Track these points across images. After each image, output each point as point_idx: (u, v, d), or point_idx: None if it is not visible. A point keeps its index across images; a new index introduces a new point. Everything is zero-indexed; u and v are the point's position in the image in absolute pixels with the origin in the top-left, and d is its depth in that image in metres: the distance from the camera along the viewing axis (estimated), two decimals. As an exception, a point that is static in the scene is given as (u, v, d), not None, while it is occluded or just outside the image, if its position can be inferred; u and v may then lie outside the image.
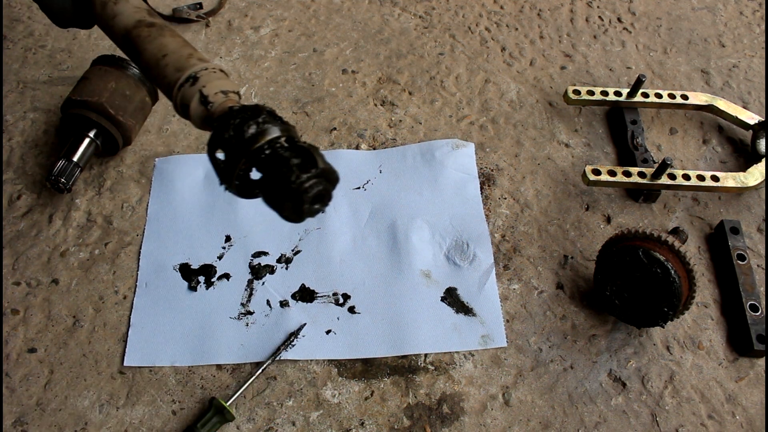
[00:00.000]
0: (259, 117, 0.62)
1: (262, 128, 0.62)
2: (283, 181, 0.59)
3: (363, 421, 0.90)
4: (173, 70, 0.69)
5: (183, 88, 0.68)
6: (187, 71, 0.68)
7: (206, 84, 0.68)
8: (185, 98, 0.68)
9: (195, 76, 0.68)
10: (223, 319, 0.97)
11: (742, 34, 1.37)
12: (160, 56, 0.70)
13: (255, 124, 0.62)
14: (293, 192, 0.59)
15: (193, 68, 0.68)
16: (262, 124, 0.62)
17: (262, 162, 0.61)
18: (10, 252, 1.02)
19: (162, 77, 0.70)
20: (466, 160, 1.14)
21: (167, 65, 0.69)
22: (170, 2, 1.34)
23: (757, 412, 0.92)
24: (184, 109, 0.69)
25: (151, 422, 0.89)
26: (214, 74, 0.69)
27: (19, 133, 1.14)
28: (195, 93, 0.67)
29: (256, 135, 0.61)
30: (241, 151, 0.62)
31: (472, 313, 0.98)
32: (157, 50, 0.71)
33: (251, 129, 0.62)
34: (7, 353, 0.94)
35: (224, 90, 0.68)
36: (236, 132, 0.62)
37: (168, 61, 0.70)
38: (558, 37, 1.34)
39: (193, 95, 0.67)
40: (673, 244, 0.90)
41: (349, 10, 1.36)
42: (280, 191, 0.60)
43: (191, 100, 0.67)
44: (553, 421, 0.91)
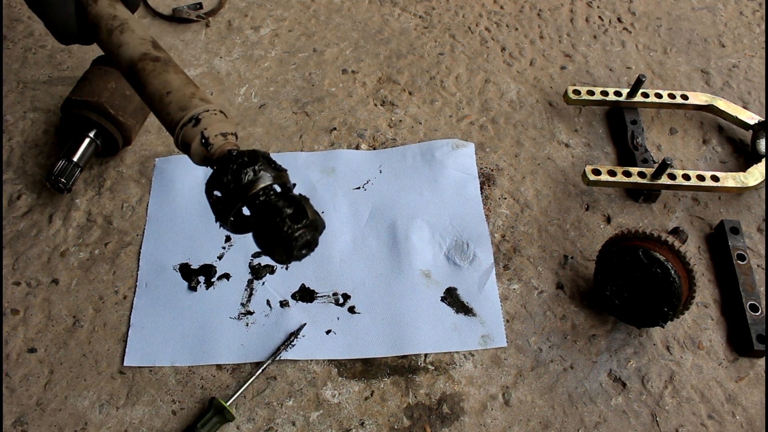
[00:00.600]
0: (255, 164, 0.67)
1: (257, 175, 0.67)
2: (276, 229, 0.65)
3: (363, 421, 0.90)
4: (176, 108, 0.72)
5: (185, 128, 0.71)
6: (190, 112, 0.72)
7: (207, 126, 0.71)
8: (186, 137, 0.71)
9: (198, 118, 0.71)
10: (223, 319, 0.97)
11: (742, 34, 1.37)
12: (164, 93, 0.73)
13: (252, 170, 0.67)
14: (285, 240, 0.66)
15: (196, 109, 0.72)
16: (258, 171, 0.67)
17: (257, 207, 0.67)
18: (10, 252, 1.02)
19: (165, 113, 0.73)
20: (466, 160, 1.14)
21: (171, 103, 0.73)
22: (170, 2, 1.34)
23: (757, 412, 0.92)
24: (185, 147, 0.72)
25: (151, 422, 0.89)
26: (215, 116, 0.72)
27: (19, 133, 1.14)
28: (197, 134, 0.71)
29: (253, 182, 0.66)
30: (238, 196, 0.66)
31: (472, 313, 0.98)
32: (161, 86, 0.74)
33: (248, 175, 0.67)
34: (7, 353, 0.94)
35: (224, 132, 0.72)
36: (234, 177, 0.67)
37: (172, 98, 0.73)
38: (558, 37, 1.34)
39: (194, 136, 0.71)
40: (673, 244, 0.90)
41: (349, 10, 1.36)
42: (272, 238, 0.66)
43: (193, 140, 0.71)
44: (553, 421, 0.91)
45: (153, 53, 0.77)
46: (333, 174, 1.11)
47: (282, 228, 0.65)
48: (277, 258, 0.68)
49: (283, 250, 0.66)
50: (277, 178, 0.68)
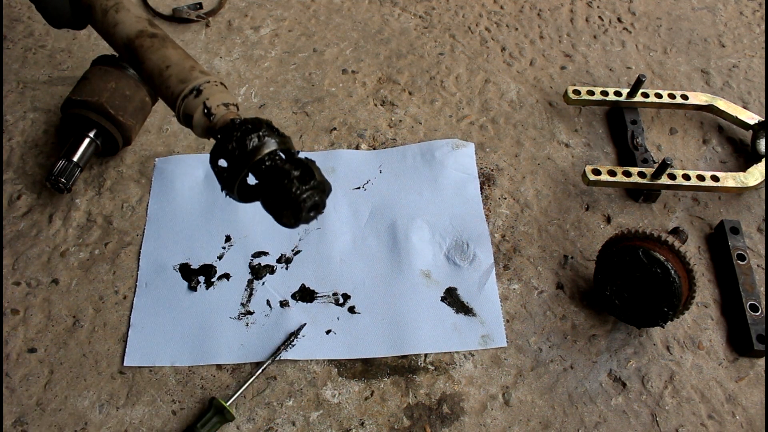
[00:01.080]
0: (259, 130, 0.67)
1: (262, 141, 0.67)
2: (284, 191, 0.65)
3: (363, 421, 0.90)
4: (177, 81, 0.72)
5: (187, 100, 0.72)
6: (191, 83, 0.72)
7: (209, 96, 0.71)
8: (188, 109, 0.71)
9: (199, 89, 0.72)
10: (223, 319, 0.97)
11: (742, 34, 1.37)
12: (164, 67, 0.74)
13: (256, 136, 0.67)
14: (293, 202, 0.65)
15: (197, 81, 0.72)
16: (263, 137, 0.67)
17: (263, 172, 0.67)
18: (10, 252, 1.02)
19: (165, 88, 0.73)
20: (466, 160, 1.14)
21: (171, 76, 0.73)
22: (170, 2, 1.34)
23: (757, 412, 0.92)
24: (187, 119, 0.72)
25: (151, 422, 0.89)
26: (216, 87, 0.73)
27: (19, 133, 1.14)
28: (199, 105, 0.71)
29: (258, 147, 0.67)
30: (244, 162, 0.66)
31: (472, 313, 0.98)
32: (160, 61, 0.74)
33: (253, 141, 0.67)
34: (7, 353, 0.94)
35: (226, 102, 0.72)
36: (239, 144, 0.67)
37: (171, 72, 0.73)
38: (558, 37, 1.34)
39: (196, 107, 0.71)
40: (673, 244, 0.90)
41: (349, 10, 1.36)
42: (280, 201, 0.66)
43: (195, 111, 0.71)
44: (553, 421, 0.91)
45: (149, 30, 0.77)
46: (333, 174, 1.11)
47: (290, 190, 0.65)
48: (285, 221, 0.68)
49: (292, 212, 0.66)
50: (281, 143, 0.68)
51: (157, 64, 0.74)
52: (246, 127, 0.67)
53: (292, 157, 0.68)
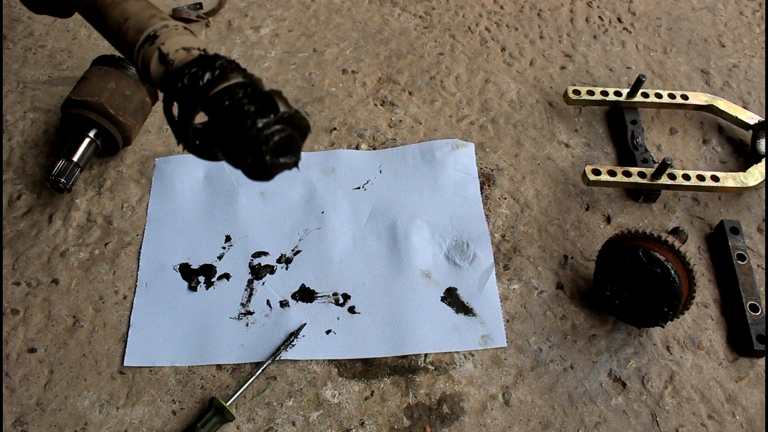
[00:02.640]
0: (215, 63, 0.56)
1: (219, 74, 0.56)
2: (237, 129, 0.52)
3: (363, 421, 0.90)
4: (134, 32, 0.64)
5: (143, 49, 0.62)
6: (147, 31, 0.63)
7: (165, 41, 0.62)
8: (145, 59, 0.62)
9: (154, 35, 0.62)
10: (223, 319, 0.97)
11: (742, 34, 1.37)
12: (122, 20, 0.65)
13: (210, 70, 0.56)
14: (250, 141, 0.52)
15: (153, 27, 0.63)
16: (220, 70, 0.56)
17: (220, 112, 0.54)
18: (10, 252, 1.02)
19: (123, 43, 0.65)
20: (466, 160, 1.14)
21: (129, 29, 0.64)
22: (170, 2, 1.34)
23: (757, 412, 0.92)
24: (145, 71, 0.63)
25: (151, 422, 0.89)
26: (176, 30, 0.63)
27: (19, 133, 1.14)
28: (154, 51, 0.61)
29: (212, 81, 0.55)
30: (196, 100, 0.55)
31: (472, 313, 0.98)
32: (119, 15, 0.65)
33: (206, 75, 0.55)
34: (7, 353, 0.94)
35: (186, 47, 0.62)
36: (190, 80, 0.56)
37: (129, 24, 0.64)
38: (558, 37, 1.34)
39: (152, 54, 0.61)
40: (673, 244, 0.90)
41: (349, 10, 1.36)
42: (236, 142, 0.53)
43: (150, 59, 0.62)
44: (553, 421, 0.91)
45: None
46: (333, 174, 1.11)
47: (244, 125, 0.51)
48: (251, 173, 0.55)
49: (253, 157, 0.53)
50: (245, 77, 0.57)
51: (117, 20, 0.65)
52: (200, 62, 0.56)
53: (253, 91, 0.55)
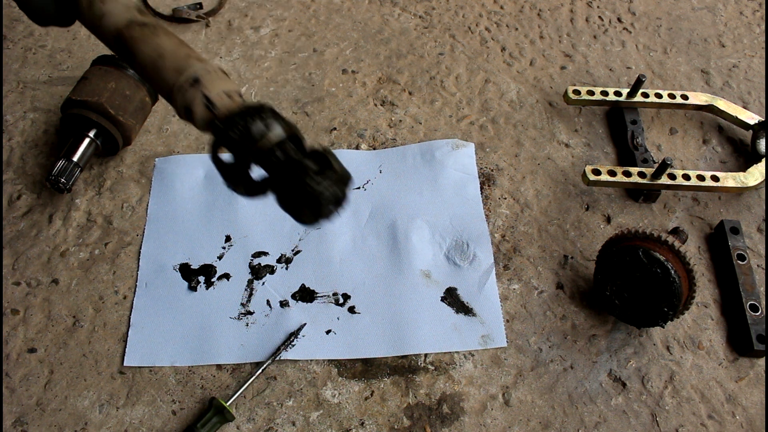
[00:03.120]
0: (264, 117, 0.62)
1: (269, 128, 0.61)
2: (302, 187, 0.59)
3: (363, 421, 0.90)
4: (172, 71, 0.67)
5: (183, 91, 0.66)
6: (188, 72, 0.66)
7: (208, 85, 0.66)
8: (187, 101, 0.66)
9: (196, 78, 0.66)
10: (223, 319, 0.97)
11: (742, 34, 1.37)
12: (157, 57, 0.68)
13: (262, 123, 0.61)
14: (313, 198, 0.60)
15: (193, 69, 0.66)
16: (269, 124, 0.61)
17: (274, 164, 0.61)
18: (10, 252, 1.02)
19: (160, 79, 0.68)
20: (466, 160, 1.14)
21: (165, 67, 0.67)
22: (170, 2, 1.34)
23: (757, 412, 0.92)
24: (187, 112, 0.67)
25: (151, 422, 0.89)
26: (215, 75, 0.67)
27: (19, 133, 1.14)
28: (197, 95, 0.66)
29: (263, 135, 0.61)
30: (249, 152, 0.61)
31: (472, 313, 0.98)
32: (152, 51, 0.68)
33: (258, 129, 0.61)
34: (7, 353, 0.94)
35: (227, 91, 0.67)
36: (243, 134, 0.61)
37: (165, 62, 0.68)
38: (558, 37, 1.34)
39: (195, 98, 0.66)
40: (673, 244, 0.90)
41: (349, 10, 1.36)
42: (298, 197, 0.60)
43: (193, 102, 0.66)
44: (553, 421, 0.91)
45: (139, 19, 0.71)
46: (333, 174, 1.11)
47: (309, 185, 0.59)
48: (305, 220, 0.63)
49: (312, 210, 0.61)
50: (288, 129, 0.63)
51: (150, 56, 0.68)
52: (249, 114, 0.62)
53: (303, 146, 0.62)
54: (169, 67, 0.67)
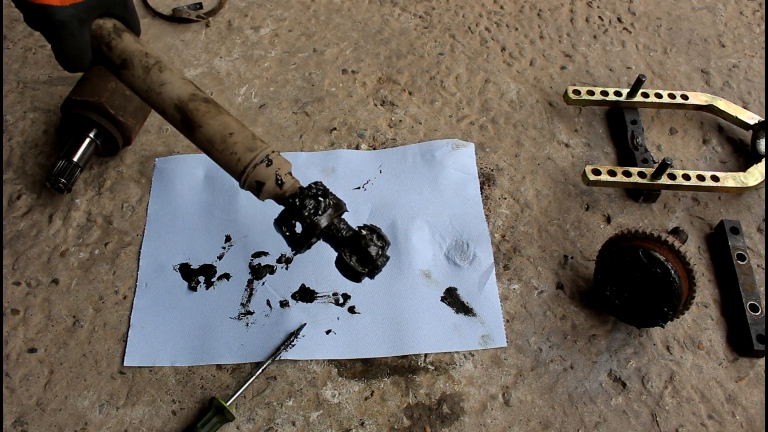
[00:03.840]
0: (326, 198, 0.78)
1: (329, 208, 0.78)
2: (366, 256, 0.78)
3: (363, 421, 0.90)
4: (244, 149, 0.78)
5: (258, 168, 0.78)
6: (260, 153, 0.78)
7: (280, 167, 0.78)
8: (260, 176, 0.78)
9: (269, 159, 0.78)
10: (223, 319, 0.97)
11: (742, 34, 1.37)
12: (227, 134, 0.79)
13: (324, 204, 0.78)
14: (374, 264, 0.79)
15: (265, 151, 0.78)
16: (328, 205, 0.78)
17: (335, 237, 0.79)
18: (10, 252, 1.02)
19: (231, 153, 0.79)
20: (466, 160, 1.14)
21: (237, 143, 0.78)
22: (170, 2, 1.34)
23: (757, 412, 0.92)
24: (258, 185, 0.78)
25: (151, 422, 0.89)
26: (281, 158, 0.80)
27: (19, 133, 1.14)
28: (271, 175, 0.78)
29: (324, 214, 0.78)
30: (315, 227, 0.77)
31: (472, 313, 0.98)
32: (221, 127, 0.79)
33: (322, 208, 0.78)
34: (7, 353, 0.94)
35: (289, 172, 0.80)
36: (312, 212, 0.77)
37: (237, 140, 0.79)
38: (558, 37, 1.34)
39: (269, 176, 0.78)
40: (673, 244, 0.90)
41: (349, 10, 1.36)
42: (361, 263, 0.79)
43: (267, 179, 0.78)
44: (553, 421, 0.91)
45: (201, 94, 0.81)
46: (333, 174, 1.11)
47: (372, 255, 0.78)
48: (359, 279, 0.80)
49: (369, 272, 0.79)
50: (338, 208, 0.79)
51: (219, 130, 0.79)
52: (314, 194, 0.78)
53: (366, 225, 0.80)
54: (241, 144, 0.78)
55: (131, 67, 0.81)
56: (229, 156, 0.78)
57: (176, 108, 0.80)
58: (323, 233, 0.78)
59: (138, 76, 0.81)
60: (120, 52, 0.81)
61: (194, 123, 0.79)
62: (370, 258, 0.78)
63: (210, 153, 0.80)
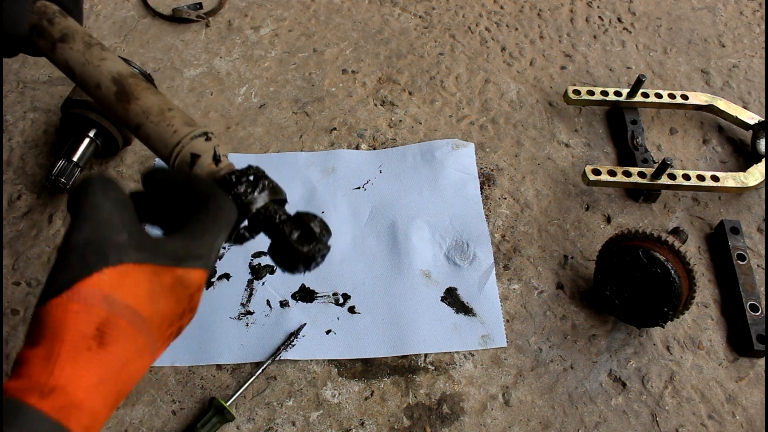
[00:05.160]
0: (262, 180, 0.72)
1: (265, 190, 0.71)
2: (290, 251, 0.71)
3: (363, 421, 0.90)
4: (182, 123, 0.75)
5: (196, 140, 0.74)
6: (199, 128, 0.75)
7: (218, 144, 0.75)
8: (197, 149, 0.74)
9: (209, 135, 0.75)
10: (223, 319, 0.97)
11: (742, 34, 1.37)
12: (166, 108, 0.76)
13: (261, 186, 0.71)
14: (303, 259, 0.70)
15: (203, 129, 0.75)
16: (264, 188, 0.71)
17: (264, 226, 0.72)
18: (10, 252, 1.02)
19: (167, 125, 0.75)
20: (466, 160, 1.14)
21: (175, 117, 0.75)
22: (170, 2, 1.34)
23: (757, 412, 0.92)
24: (193, 159, 0.74)
25: (151, 422, 0.89)
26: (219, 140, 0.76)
27: (19, 133, 1.14)
28: (209, 149, 0.74)
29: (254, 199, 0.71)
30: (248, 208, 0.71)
31: (472, 313, 0.98)
32: (161, 101, 0.76)
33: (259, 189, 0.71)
34: (7, 353, 0.93)
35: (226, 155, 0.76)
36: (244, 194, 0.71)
37: (176, 114, 0.76)
38: (558, 37, 1.34)
39: (207, 150, 0.74)
40: (673, 244, 0.90)
41: (349, 10, 1.36)
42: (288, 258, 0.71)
43: (204, 153, 0.74)
44: (553, 421, 0.91)
45: (138, 75, 0.80)
46: (333, 174, 1.11)
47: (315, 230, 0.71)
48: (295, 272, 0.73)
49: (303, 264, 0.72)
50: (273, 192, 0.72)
51: (158, 104, 0.76)
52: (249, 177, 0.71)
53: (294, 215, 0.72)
54: (179, 119, 0.75)
55: (71, 41, 0.79)
56: (165, 127, 0.76)
57: (113, 80, 0.78)
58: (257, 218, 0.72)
59: (77, 49, 0.79)
60: (62, 28, 0.80)
61: (132, 95, 0.77)
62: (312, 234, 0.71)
63: (141, 126, 0.77)
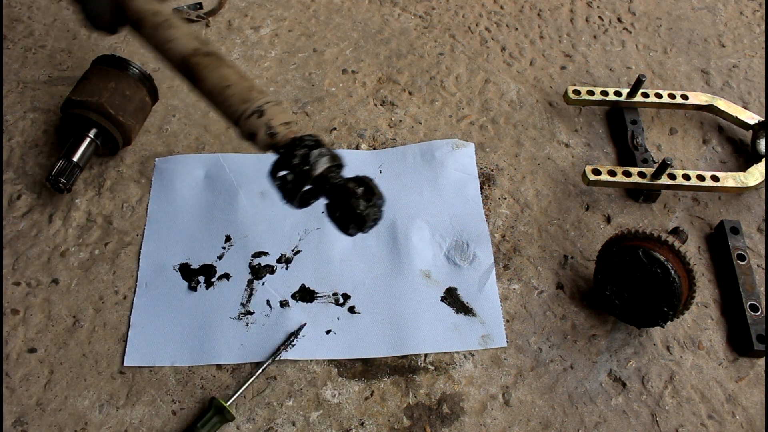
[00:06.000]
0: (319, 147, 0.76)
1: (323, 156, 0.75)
2: (351, 209, 0.74)
3: (363, 421, 0.90)
4: (239, 101, 0.79)
5: (250, 119, 0.78)
6: (254, 104, 0.78)
7: (272, 117, 0.78)
8: (252, 128, 0.78)
9: (261, 110, 0.78)
10: (223, 319, 0.97)
11: (742, 34, 1.37)
12: (224, 86, 0.80)
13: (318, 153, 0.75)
14: (359, 218, 0.75)
15: (258, 102, 0.79)
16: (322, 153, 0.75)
17: (327, 187, 0.76)
18: (10, 252, 1.02)
19: (227, 106, 0.80)
20: (466, 160, 1.14)
21: (233, 95, 0.79)
22: (170, 2, 1.34)
23: (757, 412, 0.92)
24: (251, 137, 0.79)
25: (151, 422, 0.89)
26: (277, 108, 0.80)
27: (19, 133, 1.14)
28: (262, 125, 0.78)
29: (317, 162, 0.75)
30: (307, 176, 0.75)
31: (472, 313, 0.98)
32: (220, 80, 0.80)
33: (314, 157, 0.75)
34: (7, 353, 0.94)
35: (286, 122, 0.79)
36: (302, 160, 0.75)
37: (233, 92, 0.79)
38: (558, 37, 1.34)
39: (260, 126, 0.78)
40: (673, 244, 0.90)
41: (349, 10, 1.36)
42: (347, 216, 0.75)
43: (258, 130, 0.78)
44: (553, 421, 0.91)
45: (203, 48, 0.82)
46: (333, 174, 1.11)
47: (357, 207, 0.74)
48: (350, 232, 0.76)
49: (357, 226, 0.76)
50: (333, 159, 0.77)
51: (217, 84, 0.80)
52: (307, 145, 0.75)
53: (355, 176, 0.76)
54: (237, 96, 0.79)
55: (144, 26, 0.85)
56: (226, 108, 0.80)
57: (181, 64, 0.82)
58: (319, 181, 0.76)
59: (149, 34, 0.84)
60: (133, 12, 0.85)
61: (197, 77, 0.81)
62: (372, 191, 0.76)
63: (213, 106, 0.82)
